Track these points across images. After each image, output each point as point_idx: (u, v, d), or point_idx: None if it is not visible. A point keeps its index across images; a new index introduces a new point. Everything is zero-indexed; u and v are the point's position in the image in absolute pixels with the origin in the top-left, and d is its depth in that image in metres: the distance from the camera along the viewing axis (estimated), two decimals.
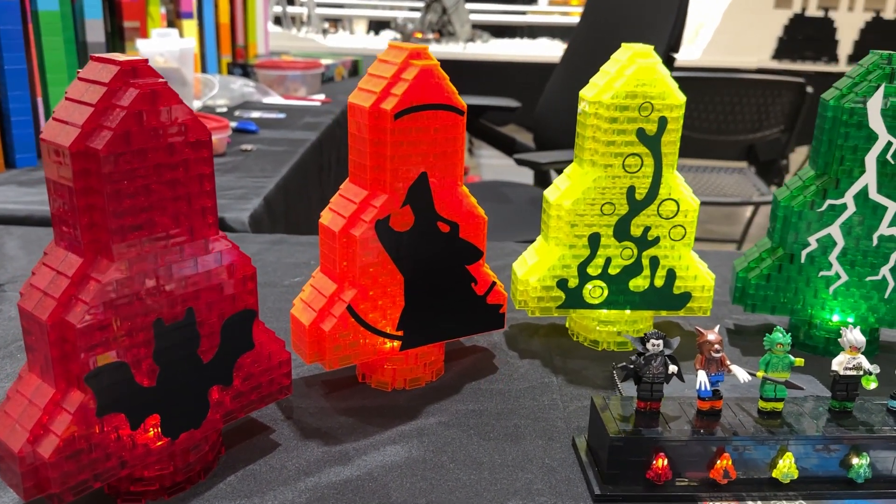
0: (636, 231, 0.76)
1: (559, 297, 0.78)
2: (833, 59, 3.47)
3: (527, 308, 0.79)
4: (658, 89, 0.72)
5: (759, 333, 0.85)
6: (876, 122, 0.72)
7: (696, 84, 2.79)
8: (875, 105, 0.72)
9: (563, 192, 0.76)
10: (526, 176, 2.29)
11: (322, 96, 2.19)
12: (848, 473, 0.57)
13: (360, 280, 0.65)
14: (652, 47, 0.73)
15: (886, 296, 0.77)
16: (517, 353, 0.78)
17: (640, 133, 0.73)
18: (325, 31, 3.98)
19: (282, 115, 1.90)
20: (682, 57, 3.72)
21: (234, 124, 1.66)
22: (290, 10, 3.97)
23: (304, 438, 0.62)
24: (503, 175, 2.95)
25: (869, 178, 0.74)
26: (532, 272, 0.78)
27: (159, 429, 0.52)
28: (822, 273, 0.78)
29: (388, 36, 4.00)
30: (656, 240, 0.77)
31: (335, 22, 4.68)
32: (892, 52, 0.73)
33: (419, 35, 3.78)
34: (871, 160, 0.73)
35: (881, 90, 0.71)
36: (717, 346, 0.57)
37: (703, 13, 3.73)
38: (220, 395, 0.57)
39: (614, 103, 0.72)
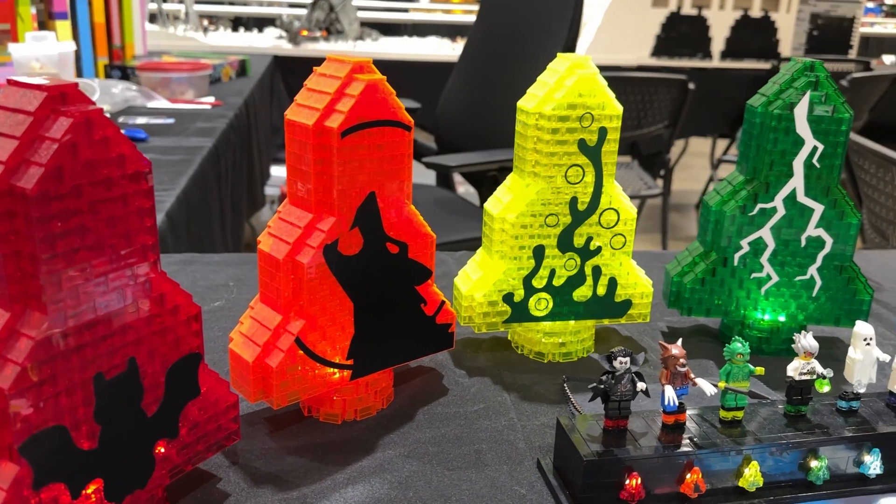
0: (579, 241, 0.76)
1: (505, 312, 0.76)
2: (707, 55, 3.66)
3: (472, 324, 0.76)
4: (598, 99, 0.72)
5: (692, 335, 0.87)
6: (802, 128, 0.75)
7: None
8: (801, 111, 0.74)
9: (506, 205, 0.74)
10: (428, 176, 2.27)
11: (212, 99, 2.08)
12: (807, 476, 0.59)
13: (308, 309, 0.60)
14: (589, 57, 0.73)
15: (814, 294, 0.80)
16: (465, 372, 0.76)
17: (582, 144, 0.72)
18: (205, 29, 3.80)
19: (171, 121, 1.79)
20: None
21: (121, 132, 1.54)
22: (167, 6, 3.77)
23: (255, 485, 0.57)
24: None
25: (797, 182, 0.77)
26: (477, 287, 0.76)
27: (102, 493, 0.46)
28: (754, 275, 0.80)
29: (272, 34, 3.87)
30: (598, 249, 0.77)
31: (214, 19, 4.49)
32: (814, 59, 0.75)
33: (305, 33, 3.68)
34: (798, 164, 0.76)
35: (807, 97, 0.74)
36: (681, 360, 0.57)
37: (585, 12, 3.84)
38: (167, 448, 0.51)
39: (556, 114, 0.71)
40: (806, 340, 0.59)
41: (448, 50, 3.63)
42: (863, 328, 0.60)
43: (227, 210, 1.80)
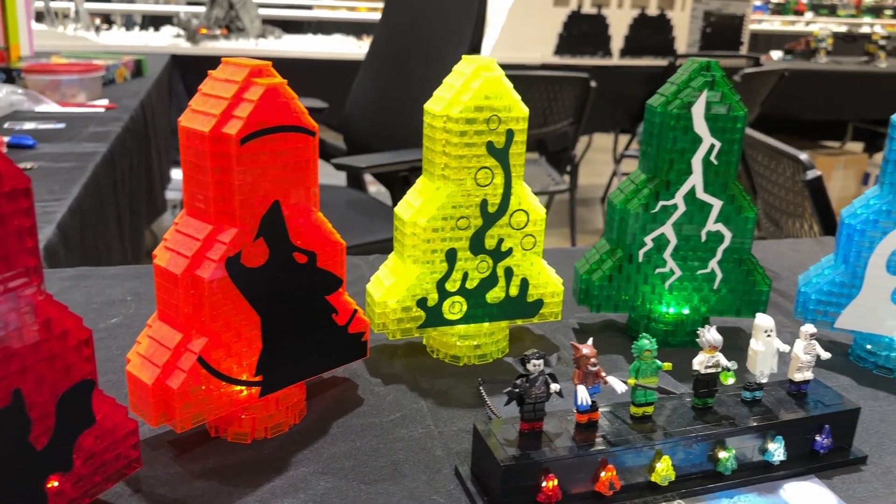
0: (490, 243, 0.76)
1: (419, 317, 0.75)
2: (608, 53, 3.77)
3: (387, 331, 0.75)
4: (504, 102, 0.72)
5: (602, 331, 0.88)
6: (700, 126, 0.77)
7: None
8: (699, 110, 0.76)
9: (416, 209, 0.73)
10: (338, 177, 2.24)
11: (105, 101, 1.98)
12: (716, 467, 0.61)
13: (210, 326, 0.58)
14: (494, 59, 0.73)
15: (715, 286, 0.83)
16: (381, 380, 0.74)
17: (490, 146, 0.72)
18: (97, 29, 3.61)
19: (61, 126, 1.69)
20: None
21: (6, 139, 1.45)
22: (55, 4, 3.56)
23: None
24: None
25: (696, 179, 0.79)
26: (390, 294, 0.74)
27: None
28: (658, 270, 0.82)
29: (169, 32, 3.72)
30: (509, 251, 0.77)
31: (107, 17, 4.28)
32: (710, 59, 0.78)
33: (204, 31, 3.56)
34: (697, 162, 0.78)
35: (703, 96, 0.76)
36: (592, 359, 0.57)
37: (489, 11, 3.88)
38: (61, 482, 0.47)
39: (463, 117, 0.70)
40: (710, 335, 0.61)
41: (354, 48, 3.59)
42: (763, 320, 0.63)
43: (126, 218, 1.72)
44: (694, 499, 0.59)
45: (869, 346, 0.80)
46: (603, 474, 0.57)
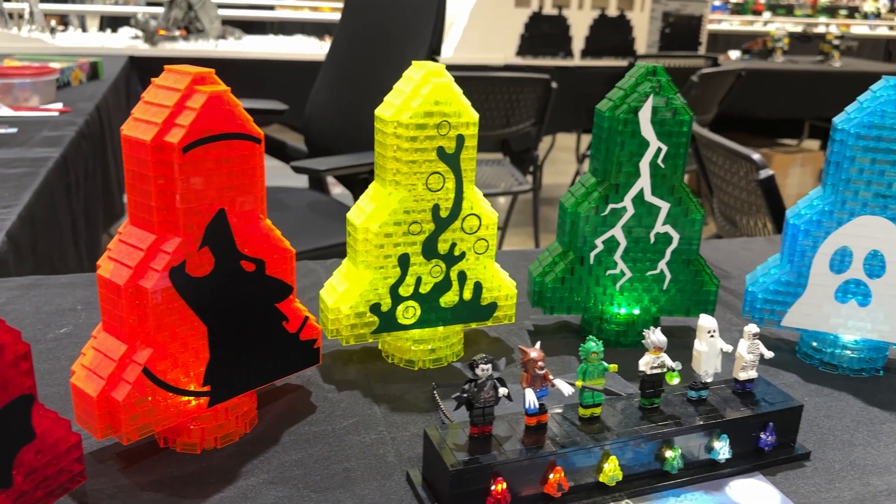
0: (443, 248, 0.76)
1: (373, 322, 0.75)
2: (569, 54, 3.79)
3: (340, 337, 0.75)
4: (454, 107, 0.72)
5: (556, 333, 0.89)
6: (647, 131, 0.78)
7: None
8: (645, 115, 0.78)
9: (368, 214, 0.73)
10: (301, 179, 2.22)
11: (59, 105, 1.94)
12: (663, 466, 0.62)
13: (155, 337, 0.57)
14: (444, 66, 0.73)
15: (665, 287, 0.84)
16: (334, 386, 0.74)
17: (440, 151, 0.73)
18: (52, 30, 3.54)
19: (13, 130, 1.65)
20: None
21: None
22: (8, 5, 3.48)
23: None
24: (276, 180, 2.84)
25: (644, 182, 0.80)
26: (343, 300, 0.74)
27: None
28: (609, 272, 0.83)
29: (127, 33, 3.66)
30: (462, 255, 0.77)
31: (63, 18, 4.19)
32: (656, 65, 0.79)
33: (163, 32, 3.51)
34: (644, 165, 0.80)
35: (650, 101, 0.77)
36: (540, 363, 0.58)
37: (452, 11, 3.88)
38: (1, 500, 0.46)
39: (413, 122, 0.71)
40: (654, 336, 0.62)
41: (316, 49, 3.56)
42: (706, 321, 0.64)
43: (81, 224, 1.69)
44: (641, 498, 0.60)
45: (814, 344, 0.82)
46: (552, 476, 0.58)
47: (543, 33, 3.80)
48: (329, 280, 0.78)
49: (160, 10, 3.65)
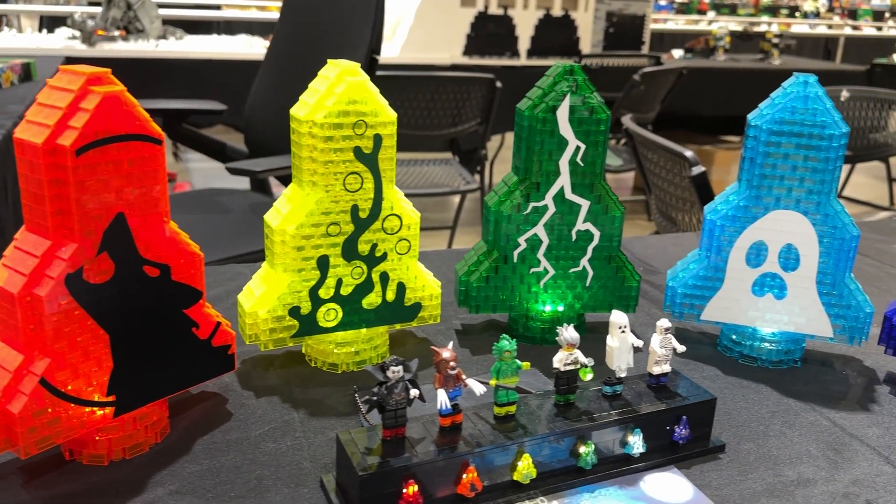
0: (364, 249, 0.75)
1: (293, 326, 0.74)
2: (515, 53, 3.82)
3: (259, 342, 0.74)
4: (370, 106, 0.71)
5: (484, 331, 0.89)
6: (565, 129, 0.79)
7: (398, 82, 2.89)
8: (563, 113, 0.78)
9: (285, 216, 0.72)
10: (242, 181, 2.19)
11: None
12: (577, 462, 0.62)
13: (53, 346, 0.55)
14: (359, 64, 0.72)
15: (587, 284, 0.85)
16: (252, 393, 0.73)
17: (357, 151, 0.72)
18: None
19: None
20: (382, 55, 3.83)
21: None
22: None
23: None
24: (217, 181, 2.79)
25: (564, 181, 0.80)
26: (260, 304, 0.73)
27: None
28: (532, 270, 0.83)
29: (64, 34, 3.56)
30: (384, 255, 0.76)
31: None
32: (573, 64, 0.79)
33: (101, 32, 3.42)
34: (564, 164, 0.80)
35: (567, 100, 0.78)
36: (452, 363, 0.58)
37: (398, 11, 3.87)
38: None
39: (328, 122, 0.70)
40: (567, 333, 0.62)
41: (260, 48, 3.51)
42: (617, 317, 0.64)
43: (10, 230, 1.63)
44: (556, 495, 0.60)
45: (734, 337, 0.84)
46: (465, 476, 0.57)
47: (489, 33, 3.82)
48: (248, 284, 0.77)
49: (98, 9, 3.56)
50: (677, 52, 4.51)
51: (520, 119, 0.80)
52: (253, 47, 3.54)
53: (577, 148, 0.80)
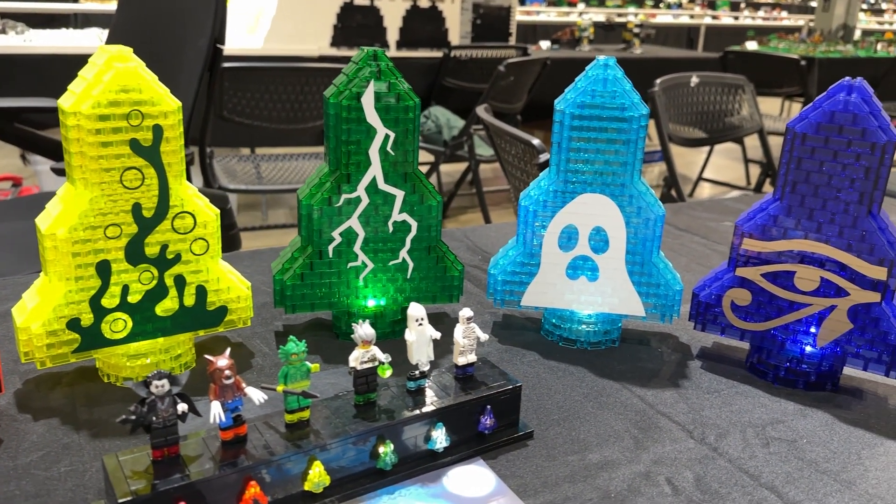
0: (152, 251, 0.69)
1: (74, 340, 0.67)
2: (384, 45, 3.78)
3: (34, 359, 0.67)
4: (146, 95, 0.66)
5: (307, 330, 0.85)
6: (372, 117, 0.75)
7: (263, 75, 2.79)
8: (368, 100, 0.75)
9: (55, 218, 0.65)
10: None
11: None
12: (377, 464, 0.59)
13: None
14: (131, 49, 0.66)
15: (409, 276, 0.82)
16: (30, 416, 0.66)
17: (135, 144, 0.66)
18: None
19: None
20: (245, 46, 3.70)
21: None
22: None
23: None
24: (55, 184, 2.61)
25: (375, 171, 0.77)
26: (34, 317, 0.66)
27: None
28: (350, 264, 0.80)
29: None
30: (178, 257, 0.71)
31: None
32: (378, 48, 0.76)
33: None
34: (374, 153, 0.77)
35: (371, 86, 0.75)
36: (227, 371, 0.53)
37: (260, 1, 3.74)
38: None
39: (95, 113, 0.63)
40: (362, 330, 0.59)
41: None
42: (414, 310, 0.62)
43: None
44: (353, 501, 0.57)
45: (554, 321, 0.84)
46: (247, 492, 0.53)
47: (357, 24, 3.76)
48: (22, 297, 0.69)
49: None
50: (545, 44, 4.61)
51: (326, 107, 0.77)
52: (103, 41, 3.33)
53: (387, 136, 0.77)
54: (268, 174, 2.86)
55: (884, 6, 11.89)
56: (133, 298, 0.69)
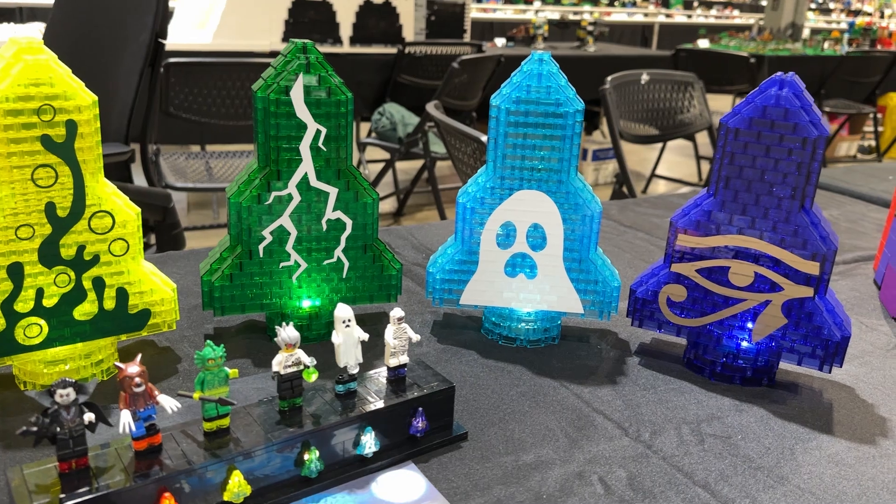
0: (68, 253, 0.66)
1: None
2: (337, 40, 3.74)
3: None
4: (59, 88, 0.62)
5: (240, 333, 0.83)
6: (302, 112, 0.73)
7: (213, 70, 2.73)
8: (297, 94, 0.73)
9: None
10: None
11: None
12: (301, 472, 0.57)
13: None
14: (41, 41, 0.63)
15: (344, 275, 0.80)
16: None
17: (46, 140, 0.63)
18: None
19: None
20: (194, 41, 3.62)
21: None
22: None
23: None
24: None
25: (307, 167, 0.75)
26: None
27: None
28: (283, 264, 0.78)
29: None
30: (96, 258, 0.68)
31: None
32: (308, 41, 0.74)
33: None
34: (305, 149, 0.75)
35: (300, 79, 0.72)
36: (137, 379, 0.51)
37: None
38: None
39: (3, 108, 0.60)
40: (285, 332, 0.57)
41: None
42: (341, 311, 0.60)
43: None
44: None
45: (494, 319, 0.83)
46: None
47: (310, 19, 3.71)
48: None
49: None
50: (500, 41, 4.61)
51: (255, 102, 0.74)
52: (41, 35, 3.23)
53: (318, 132, 0.74)
54: (219, 171, 2.80)
55: (831, 6, 12.19)
56: (48, 302, 0.66)
